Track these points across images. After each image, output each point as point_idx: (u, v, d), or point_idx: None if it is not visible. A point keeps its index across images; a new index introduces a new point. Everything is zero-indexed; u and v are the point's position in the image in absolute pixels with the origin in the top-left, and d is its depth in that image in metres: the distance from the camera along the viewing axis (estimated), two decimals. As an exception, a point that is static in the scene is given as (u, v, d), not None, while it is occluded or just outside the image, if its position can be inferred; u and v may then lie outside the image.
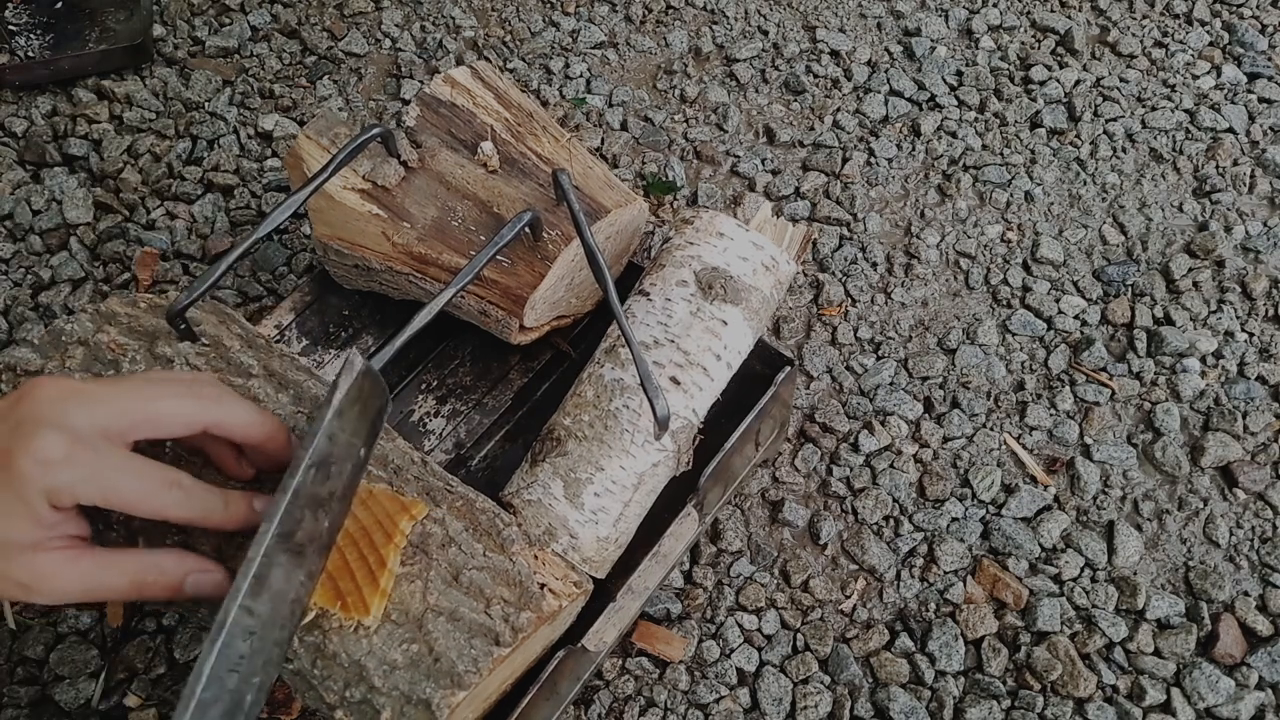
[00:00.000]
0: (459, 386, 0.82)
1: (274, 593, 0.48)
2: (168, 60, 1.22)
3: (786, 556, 0.89)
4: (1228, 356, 0.98)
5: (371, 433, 0.55)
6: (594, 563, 0.66)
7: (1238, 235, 1.06)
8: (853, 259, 1.06)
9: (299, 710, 0.79)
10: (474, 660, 0.52)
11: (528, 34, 1.26)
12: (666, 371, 0.68)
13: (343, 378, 0.51)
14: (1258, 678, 0.81)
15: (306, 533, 0.50)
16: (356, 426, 0.53)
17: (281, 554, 0.48)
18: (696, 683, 0.82)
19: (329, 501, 0.52)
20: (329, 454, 0.50)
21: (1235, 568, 0.87)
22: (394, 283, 0.77)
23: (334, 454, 0.51)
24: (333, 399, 0.50)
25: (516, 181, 0.74)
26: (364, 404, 0.53)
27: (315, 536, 0.51)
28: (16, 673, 0.81)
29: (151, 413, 0.47)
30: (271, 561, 0.47)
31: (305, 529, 0.50)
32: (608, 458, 0.66)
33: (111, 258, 1.05)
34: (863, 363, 0.99)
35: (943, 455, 0.93)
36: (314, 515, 0.50)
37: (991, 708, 0.79)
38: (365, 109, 1.19)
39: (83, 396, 0.46)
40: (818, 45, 1.24)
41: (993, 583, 0.86)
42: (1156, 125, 1.15)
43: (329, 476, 0.51)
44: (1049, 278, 1.05)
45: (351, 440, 0.53)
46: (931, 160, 1.14)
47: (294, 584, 0.50)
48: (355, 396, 0.52)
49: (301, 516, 0.49)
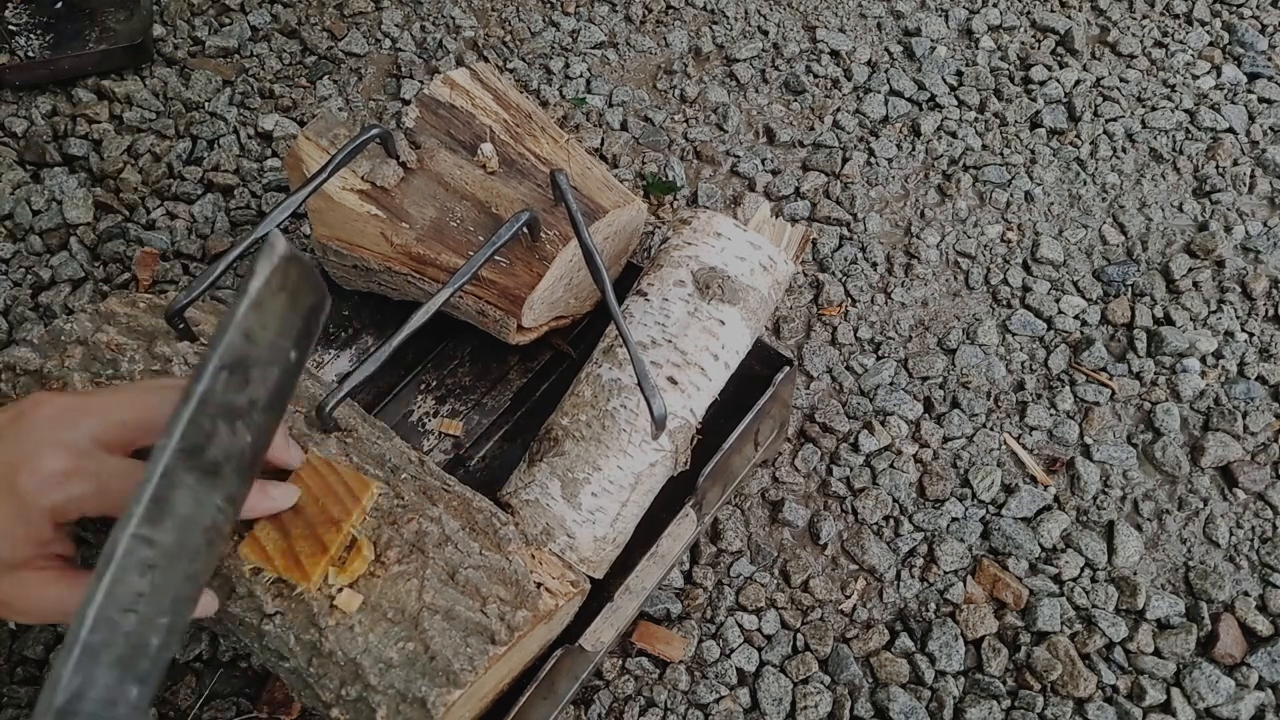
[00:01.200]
0: (458, 386, 0.83)
1: (180, 519, 0.41)
2: (168, 60, 1.22)
3: (786, 556, 0.89)
4: (1228, 356, 0.98)
5: (305, 332, 0.48)
6: (591, 562, 0.66)
7: (1238, 235, 1.06)
8: (853, 259, 1.06)
9: (299, 711, 0.79)
10: (470, 659, 0.52)
11: (528, 34, 1.26)
12: (664, 371, 0.68)
13: (260, 264, 0.42)
14: (1258, 678, 0.80)
15: (221, 448, 0.43)
16: (283, 323, 0.45)
17: (188, 473, 0.41)
18: (696, 683, 0.82)
19: (249, 411, 0.44)
20: (245, 354, 0.43)
21: (1235, 568, 0.87)
22: (393, 283, 0.77)
23: (253, 355, 0.43)
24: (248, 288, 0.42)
25: (515, 182, 0.74)
26: (291, 296, 0.45)
27: (233, 453, 0.44)
28: (16, 673, 0.81)
29: (146, 419, 0.47)
30: (174, 482, 0.40)
31: (219, 444, 0.42)
32: (605, 458, 0.66)
33: (111, 258, 1.05)
34: (863, 363, 0.99)
35: (943, 455, 0.93)
36: (230, 428, 0.43)
37: (991, 708, 0.79)
38: (365, 109, 1.19)
39: (79, 411, 0.46)
40: (818, 45, 1.24)
41: (993, 583, 0.86)
42: (1156, 125, 1.15)
43: (248, 381, 0.44)
44: (1049, 278, 1.04)
45: (277, 340, 0.45)
46: (931, 160, 1.14)
47: (208, 509, 0.43)
48: (278, 286, 0.44)
49: (213, 429, 0.42)
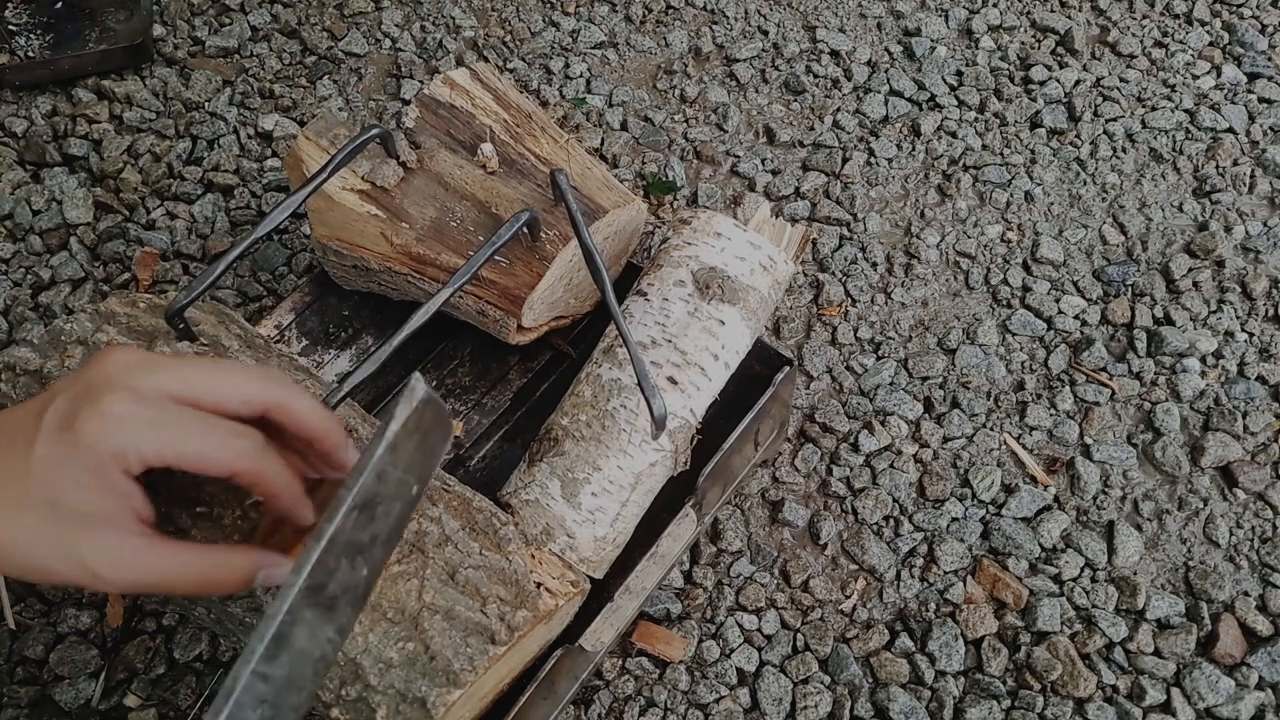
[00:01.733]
0: (458, 387, 0.83)
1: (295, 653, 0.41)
2: (168, 60, 1.22)
3: (786, 556, 0.89)
4: (1228, 356, 0.98)
5: (427, 469, 0.48)
6: (591, 562, 0.66)
7: (1238, 235, 1.06)
8: (853, 259, 1.06)
9: (298, 710, 0.79)
10: (470, 659, 0.52)
11: (528, 34, 1.26)
12: (664, 371, 0.68)
13: (400, 406, 0.43)
14: (1258, 678, 0.80)
15: (341, 583, 0.43)
16: (411, 462, 0.45)
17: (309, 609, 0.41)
18: (696, 683, 0.82)
19: (370, 548, 0.45)
20: (376, 494, 0.43)
21: (1235, 568, 0.87)
22: (393, 283, 0.77)
23: (382, 493, 0.44)
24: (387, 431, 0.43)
25: (515, 182, 0.74)
26: (423, 436, 0.46)
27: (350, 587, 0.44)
28: (16, 673, 0.81)
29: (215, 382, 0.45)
30: (296, 619, 0.41)
31: (340, 579, 0.43)
32: (605, 457, 0.66)
33: (111, 258, 1.05)
34: (863, 363, 0.99)
35: (943, 455, 0.93)
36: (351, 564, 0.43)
37: (991, 708, 0.79)
38: (365, 109, 1.19)
39: (150, 363, 0.44)
40: (818, 45, 1.24)
41: (993, 583, 0.86)
42: (1156, 125, 1.15)
43: (373, 519, 0.44)
44: (1049, 278, 1.04)
45: (404, 478, 0.45)
46: (931, 160, 1.14)
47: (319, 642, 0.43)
48: (414, 428, 0.44)
49: (337, 566, 0.42)
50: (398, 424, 0.43)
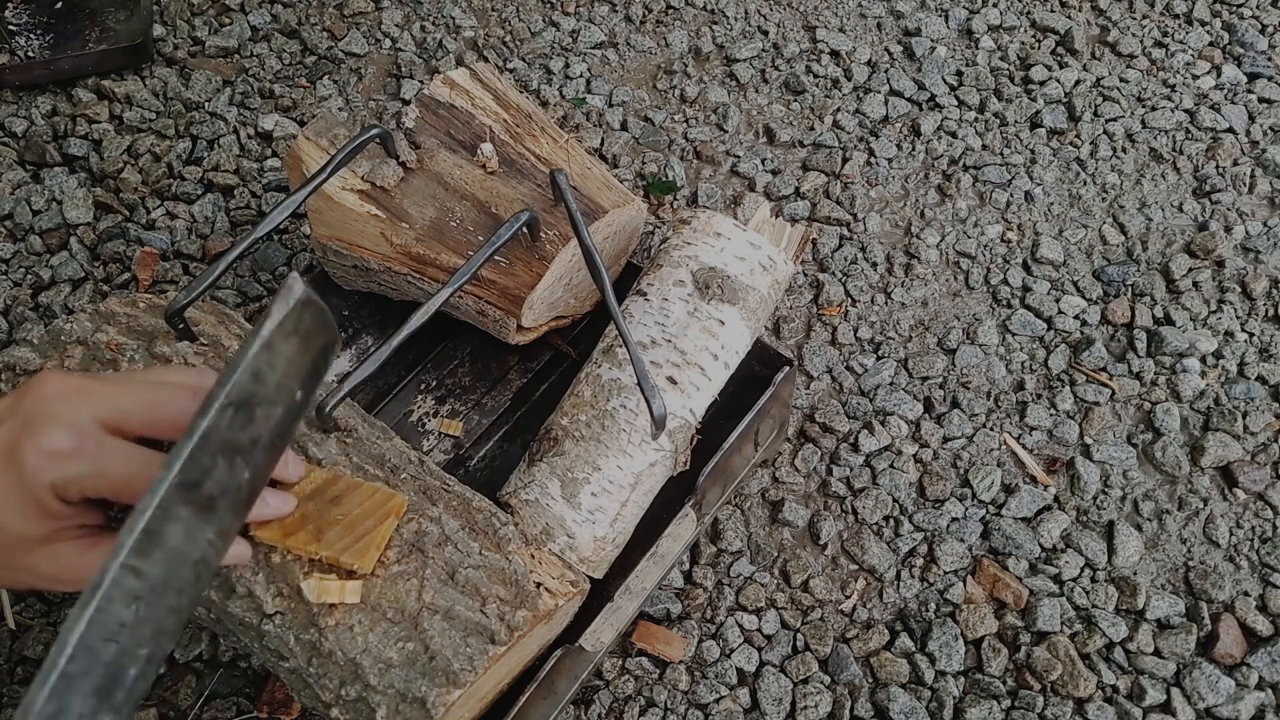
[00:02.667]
0: (458, 386, 0.83)
1: (170, 551, 0.41)
2: (168, 60, 1.22)
3: (786, 556, 0.89)
4: (1228, 356, 0.98)
5: (313, 374, 0.48)
6: (591, 562, 0.66)
7: (1238, 235, 1.06)
8: (853, 259, 1.06)
9: (299, 711, 0.79)
10: (469, 659, 0.52)
11: (528, 34, 1.26)
12: (663, 371, 0.68)
13: (277, 305, 0.43)
14: (1258, 678, 0.80)
15: (218, 484, 0.43)
16: (292, 365, 0.45)
17: (183, 506, 0.41)
18: (696, 683, 0.82)
19: (250, 450, 0.45)
20: (253, 394, 0.43)
21: (1235, 568, 0.87)
22: (393, 283, 0.77)
23: (260, 394, 0.43)
24: (262, 329, 0.42)
25: (515, 182, 0.74)
26: (304, 338, 0.45)
27: (229, 489, 0.44)
28: (16, 673, 0.81)
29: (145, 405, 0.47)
30: (169, 515, 0.40)
31: (216, 479, 0.42)
32: (605, 457, 0.66)
33: (111, 258, 1.05)
34: (863, 363, 0.99)
35: (943, 455, 0.93)
36: (229, 464, 0.43)
37: (991, 708, 0.79)
38: (365, 109, 1.19)
39: (85, 392, 0.46)
40: (818, 45, 1.24)
41: (993, 583, 0.86)
42: (1156, 125, 1.15)
43: (252, 420, 0.44)
44: (1049, 278, 1.04)
45: (284, 381, 0.45)
46: (931, 160, 1.14)
47: (198, 543, 0.43)
48: (292, 328, 0.44)
49: (212, 464, 0.42)
50: (273, 322, 0.42)
